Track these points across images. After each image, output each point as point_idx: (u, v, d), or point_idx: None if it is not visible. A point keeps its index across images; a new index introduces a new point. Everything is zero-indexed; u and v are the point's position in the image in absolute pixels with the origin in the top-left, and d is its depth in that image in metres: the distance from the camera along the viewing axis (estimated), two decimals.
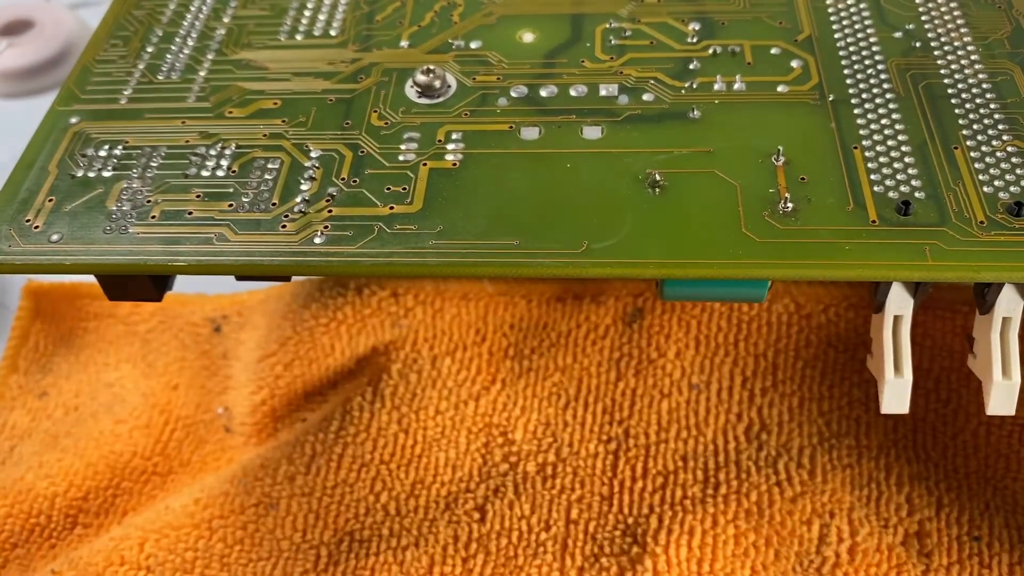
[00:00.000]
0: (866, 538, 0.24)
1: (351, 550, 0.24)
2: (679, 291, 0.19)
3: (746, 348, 0.27)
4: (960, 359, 0.26)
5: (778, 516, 0.24)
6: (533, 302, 0.28)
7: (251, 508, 0.25)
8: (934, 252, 0.18)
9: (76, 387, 0.29)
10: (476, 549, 0.24)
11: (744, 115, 0.21)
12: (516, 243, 0.19)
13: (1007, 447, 0.25)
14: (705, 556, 0.23)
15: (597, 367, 0.27)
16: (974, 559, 0.23)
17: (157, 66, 0.24)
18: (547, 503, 0.25)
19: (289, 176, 0.20)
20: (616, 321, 0.28)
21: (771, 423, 0.26)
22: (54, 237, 0.19)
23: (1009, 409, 0.19)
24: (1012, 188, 0.19)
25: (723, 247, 0.18)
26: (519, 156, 0.21)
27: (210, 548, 0.24)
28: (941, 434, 0.25)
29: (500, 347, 0.28)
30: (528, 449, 0.26)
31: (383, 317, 0.28)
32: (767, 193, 0.19)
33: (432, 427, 0.26)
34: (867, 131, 0.20)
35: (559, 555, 0.24)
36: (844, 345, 0.27)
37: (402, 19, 0.25)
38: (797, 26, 0.23)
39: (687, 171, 0.20)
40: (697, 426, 0.26)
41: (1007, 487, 0.24)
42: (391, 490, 0.25)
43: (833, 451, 0.25)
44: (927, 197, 0.19)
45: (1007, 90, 0.21)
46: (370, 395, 0.27)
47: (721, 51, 0.23)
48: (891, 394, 0.19)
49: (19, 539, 0.26)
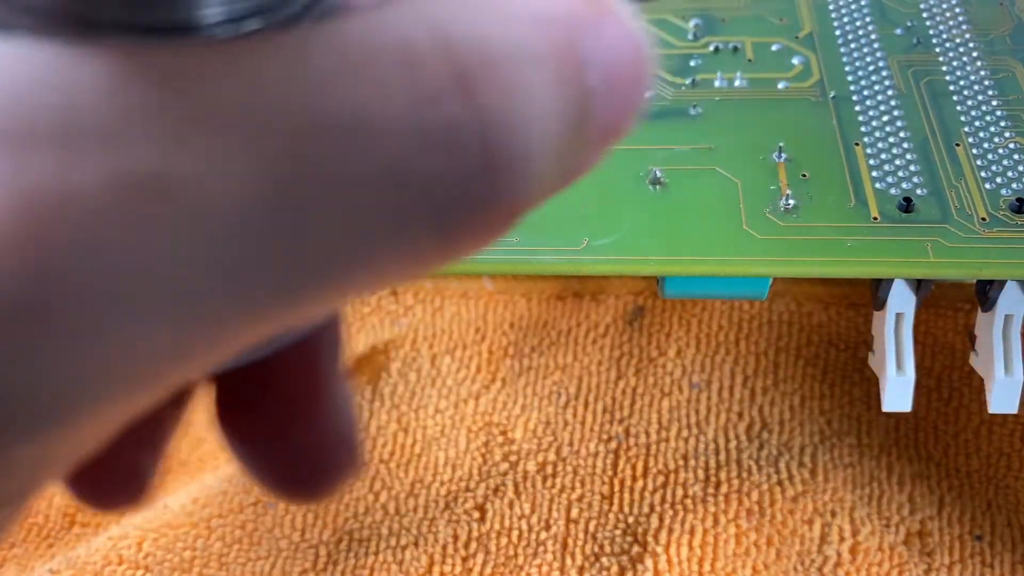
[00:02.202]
0: (868, 537, 0.23)
1: (350, 549, 0.24)
2: (680, 289, 0.19)
3: (747, 347, 0.27)
4: (962, 357, 0.26)
5: (779, 515, 0.24)
6: (533, 300, 0.28)
7: (250, 507, 0.25)
8: (936, 249, 0.18)
9: None
10: (476, 548, 0.24)
11: (745, 112, 0.21)
12: (516, 240, 0.18)
13: (1009, 446, 0.25)
14: (706, 555, 0.23)
15: (597, 366, 0.27)
16: (976, 558, 0.23)
17: None
18: (547, 502, 0.25)
19: None
20: (616, 319, 0.28)
21: (772, 422, 0.26)
22: None
23: (1011, 407, 0.19)
24: (1014, 185, 0.19)
25: (724, 244, 0.18)
26: None
27: (208, 547, 0.24)
28: (943, 433, 0.25)
29: (500, 346, 0.28)
30: (528, 448, 0.26)
31: (382, 315, 0.28)
32: (768, 190, 0.19)
33: (432, 426, 0.26)
34: (868, 128, 0.20)
35: (559, 554, 0.24)
36: (845, 343, 0.27)
37: None
38: (798, 23, 0.23)
39: (688, 168, 0.20)
40: (698, 425, 0.26)
41: (1009, 486, 0.24)
42: (390, 489, 0.25)
43: (834, 450, 0.25)
44: (929, 194, 0.19)
45: (1009, 87, 0.21)
46: (369, 394, 0.27)
47: (722, 48, 0.23)
48: (893, 392, 0.19)
49: (17, 538, 0.26)
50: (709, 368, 0.27)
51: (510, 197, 0.08)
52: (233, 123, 0.07)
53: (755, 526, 0.24)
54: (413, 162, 0.07)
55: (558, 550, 0.24)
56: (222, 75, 0.07)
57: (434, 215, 0.08)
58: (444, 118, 0.07)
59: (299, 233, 0.07)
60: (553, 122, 0.08)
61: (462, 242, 0.08)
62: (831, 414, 0.26)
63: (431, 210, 0.08)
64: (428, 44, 0.07)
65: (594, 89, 0.08)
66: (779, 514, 0.24)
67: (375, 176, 0.07)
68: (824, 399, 0.26)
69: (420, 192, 0.07)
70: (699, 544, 0.24)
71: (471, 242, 0.08)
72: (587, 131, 0.09)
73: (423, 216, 0.08)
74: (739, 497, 0.24)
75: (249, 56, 0.07)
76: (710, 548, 0.23)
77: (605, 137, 0.09)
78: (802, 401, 0.26)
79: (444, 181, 0.07)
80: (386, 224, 0.07)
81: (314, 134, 0.07)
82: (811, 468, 0.25)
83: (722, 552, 0.23)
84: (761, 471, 0.25)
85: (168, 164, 0.07)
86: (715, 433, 0.26)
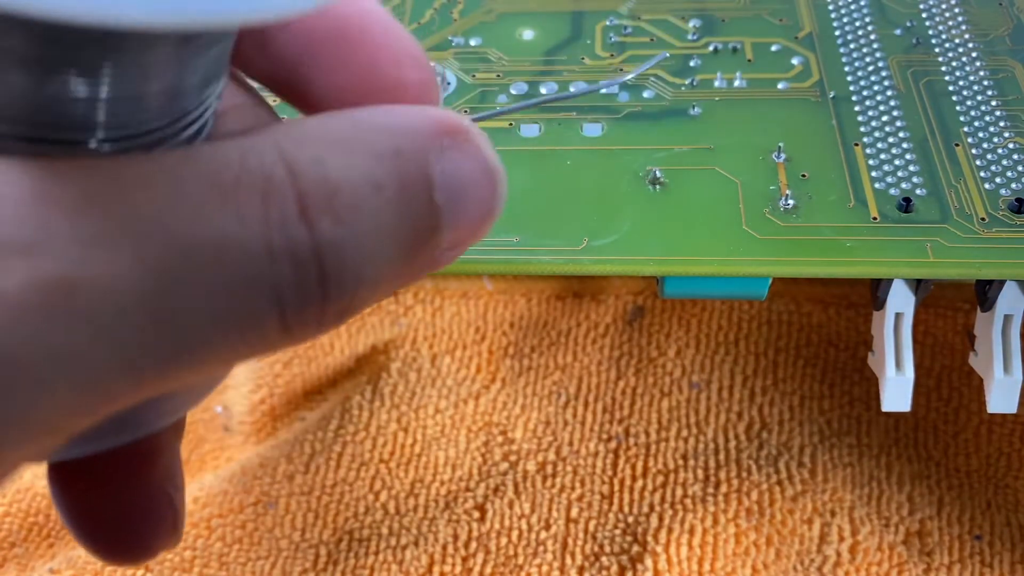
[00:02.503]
0: (867, 537, 0.23)
1: (350, 549, 0.24)
2: (680, 289, 0.19)
3: (746, 346, 0.27)
4: (961, 357, 0.26)
5: (779, 515, 0.24)
6: (533, 300, 0.28)
7: (250, 507, 0.25)
8: (935, 249, 0.18)
9: None
10: (476, 548, 0.24)
11: (745, 112, 0.21)
12: (516, 240, 0.18)
13: (1008, 445, 0.25)
14: (706, 555, 0.23)
15: (597, 366, 0.27)
16: (975, 558, 0.23)
17: None
18: (547, 502, 0.25)
19: None
20: (616, 319, 0.28)
21: (772, 422, 0.26)
22: None
23: (1011, 407, 0.19)
24: (1014, 185, 0.19)
25: (724, 244, 0.18)
26: (519, 153, 0.20)
27: (209, 547, 0.24)
28: (942, 432, 0.25)
29: (500, 345, 0.28)
30: (528, 448, 0.26)
31: (383, 315, 0.28)
32: (768, 190, 0.19)
33: (432, 426, 0.26)
34: (868, 128, 0.20)
35: (559, 554, 0.24)
36: (845, 343, 0.27)
37: (402, 16, 0.25)
38: (798, 23, 0.23)
39: (688, 168, 0.20)
40: (697, 425, 0.26)
41: (1008, 485, 0.24)
42: (390, 489, 0.25)
43: (834, 450, 0.25)
44: (928, 194, 0.19)
45: (1008, 87, 0.21)
46: (369, 394, 0.27)
47: (722, 48, 0.23)
48: (892, 392, 0.19)
49: (17, 538, 0.26)
50: (709, 368, 0.27)
51: (340, 300, 0.10)
52: (126, 237, 0.09)
53: (755, 526, 0.24)
54: (263, 271, 0.09)
55: (558, 550, 0.24)
56: (116, 195, 0.09)
57: (278, 311, 0.10)
58: (288, 240, 0.09)
59: (173, 319, 0.09)
60: (388, 239, 0.10)
61: (303, 331, 0.10)
62: (830, 414, 0.26)
63: (277, 307, 0.10)
64: (280, 175, 0.09)
65: (441, 208, 0.11)
66: (779, 514, 0.24)
67: (232, 281, 0.09)
68: (823, 399, 0.26)
69: (268, 293, 0.10)
70: (699, 544, 0.24)
71: (311, 330, 0.10)
72: (438, 241, 0.11)
73: (269, 312, 0.10)
74: (739, 497, 0.24)
75: (137, 179, 0.09)
76: (710, 548, 0.23)
77: (455, 245, 0.11)
78: (801, 401, 0.26)
79: (287, 286, 0.10)
80: (240, 316, 0.09)
81: (185, 249, 0.09)
82: (810, 468, 0.25)
83: (722, 551, 0.23)
84: (761, 471, 0.25)
85: (78, 270, 0.08)
86: (715, 433, 0.26)
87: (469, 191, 0.11)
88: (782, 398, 0.26)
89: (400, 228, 0.10)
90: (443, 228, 0.11)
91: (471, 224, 0.11)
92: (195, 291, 0.09)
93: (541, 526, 0.24)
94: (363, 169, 0.10)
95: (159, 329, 0.09)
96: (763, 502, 0.24)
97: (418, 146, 0.10)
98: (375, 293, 0.11)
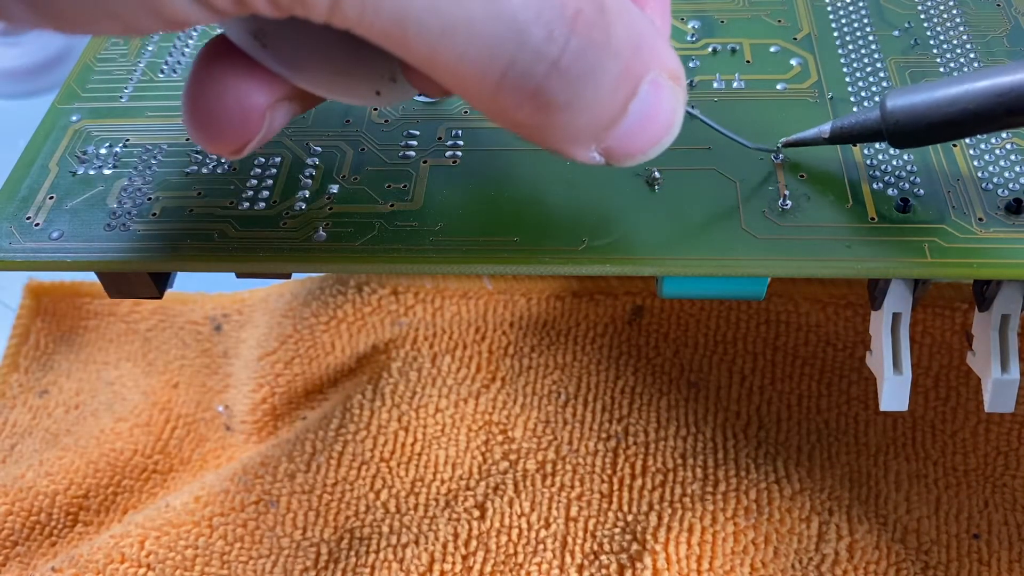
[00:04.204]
0: (865, 535, 0.24)
1: (351, 547, 0.24)
2: (678, 289, 0.19)
3: (745, 346, 0.27)
4: (959, 357, 0.26)
5: (777, 514, 0.24)
6: (533, 300, 0.29)
7: (251, 506, 0.25)
8: (933, 249, 0.18)
9: (77, 385, 0.29)
10: (476, 547, 0.24)
11: (744, 113, 0.21)
12: (516, 240, 0.19)
13: (1006, 444, 0.25)
14: (704, 553, 0.24)
15: (596, 365, 0.27)
16: (973, 557, 0.23)
17: (158, 65, 0.24)
18: (547, 501, 0.25)
19: (290, 173, 0.20)
20: (615, 319, 0.28)
21: (770, 421, 0.26)
22: (55, 235, 0.19)
23: (1008, 406, 0.19)
24: (1011, 185, 0.19)
25: (722, 244, 0.18)
26: (519, 153, 0.21)
27: (210, 546, 0.24)
28: (940, 432, 0.25)
29: (500, 345, 0.28)
30: (528, 447, 0.26)
31: (383, 315, 0.29)
32: (766, 190, 0.19)
33: (432, 425, 0.26)
34: None
35: (559, 552, 0.24)
36: (843, 343, 0.27)
37: None
38: (796, 24, 0.23)
39: (686, 168, 0.20)
40: (696, 424, 0.26)
41: (1006, 484, 0.25)
42: (391, 488, 0.25)
43: (832, 448, 0.25)
44: (926, 194, 0.19)
45: None
46: (370, 393, 0.27)
47: (720, 49, 0.23)
48: (890, 392, 0.19)
49: (20, 537, 0.26)
50: (707, 367, 0.27)
51: (552, 85, 0.13)
52: None
53: (753, 524, 0.24)
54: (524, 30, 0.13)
55: (558, 548, 0.24)
56: None
57: (507, 59, 0.13)
58: (550, 26, 0.13)
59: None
60: (598, 92, 0.14)
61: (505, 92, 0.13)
62: (828, 413, 0.26)
63: (511, 53, 0.13)
64: None
65: (629, 113, 0.14)
66: (777, 512, 0.24)
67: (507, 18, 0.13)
68: (821, 398, 0.26)
69: (516, 38, 0.13)
70: (697, 542, 0.24)
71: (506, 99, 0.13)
72: (613, 131, 0.14)
73: (503, 52, 0.13)
74: (737, 495, 0.24)
75: None
76: (708, 546, 0.24)
77: (613, 148, 0.15)
78: (799, 400, 0.26)
79: (530, 48, 0.13)
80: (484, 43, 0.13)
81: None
82: (808, 467, 0.25)
83: (720, 550, 0.24)
84: (759, 469, 0.25)
85: None
86: (713, 432, 0.26)
87: (647, 124, 0.14)
88: (780, 397, 0.26)
89: (607, 94, 0.14)
90: (619, 125, 0.14)
91: (628, 145, 0.15)
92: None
93: (541, 525, 0.24)
94: (616, 39, 0.13)
95: None
96: (761, 501, 0.24)
97: (650, 60, 0.14)
98: (565, 112, 0.13)
